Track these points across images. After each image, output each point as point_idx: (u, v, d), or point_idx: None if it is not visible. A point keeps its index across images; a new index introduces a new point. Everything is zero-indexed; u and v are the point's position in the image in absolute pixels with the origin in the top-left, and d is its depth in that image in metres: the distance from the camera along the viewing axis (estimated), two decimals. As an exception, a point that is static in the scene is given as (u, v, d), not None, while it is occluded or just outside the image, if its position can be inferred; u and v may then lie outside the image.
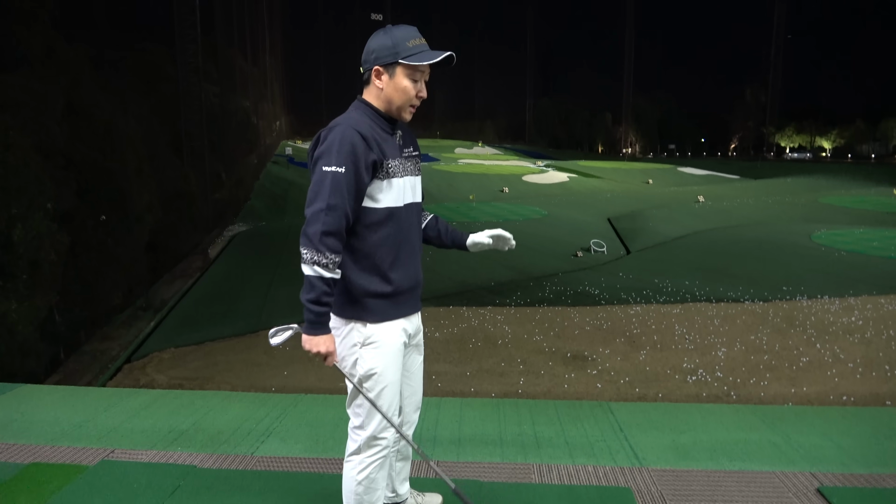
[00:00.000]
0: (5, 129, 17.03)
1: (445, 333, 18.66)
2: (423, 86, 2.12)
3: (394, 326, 2.15)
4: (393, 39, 2.05)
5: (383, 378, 2.14)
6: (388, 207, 2.09)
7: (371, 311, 2.11)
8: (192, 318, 22.28)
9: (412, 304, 2.22)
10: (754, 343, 17.49)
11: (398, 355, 2.17)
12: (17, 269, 15.94)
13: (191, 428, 3.53)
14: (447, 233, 2.43)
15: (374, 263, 2.09)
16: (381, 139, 2.09)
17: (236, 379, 15.99)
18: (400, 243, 2.13)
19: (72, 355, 21.14)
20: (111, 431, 3.48)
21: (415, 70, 2.07)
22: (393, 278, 2.11)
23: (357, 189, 2.02)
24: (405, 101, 2.10)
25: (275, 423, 3.57)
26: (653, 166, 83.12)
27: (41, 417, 3.68)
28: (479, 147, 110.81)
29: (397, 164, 2.12)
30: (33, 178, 17.34)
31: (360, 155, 2.00)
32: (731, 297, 22.20)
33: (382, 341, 2.12)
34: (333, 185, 1.97)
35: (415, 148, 2.27)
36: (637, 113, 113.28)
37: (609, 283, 25.16)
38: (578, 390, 14.81)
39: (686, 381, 15.26)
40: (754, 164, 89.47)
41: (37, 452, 3.19)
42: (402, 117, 2.15)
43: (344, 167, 1.98)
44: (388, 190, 2.08)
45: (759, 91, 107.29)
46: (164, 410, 3.80)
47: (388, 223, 2.09)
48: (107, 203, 23.26)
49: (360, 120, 2.08)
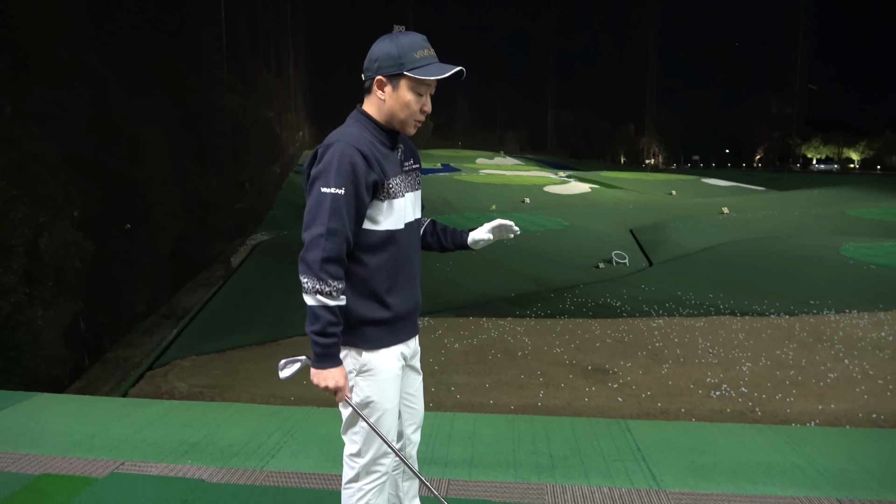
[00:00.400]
0: (34, 139, 17.39)
1: (464, 345, 18.58)
2: (428, 100, 2.00)
3: (390, 353, 2.05)
4: (399, 48, 1.92)
5: (380, 406, 2.05)
6: (387, 230, 1.98)
7: (367, 339, 2.01)
8: (213, 327, 22.45)
9: (410, 328, 2.12)
10: (780, 358, 17.15)
11: (395, 382, 2.08)
12: (43, 277, 16.19)
13: (202, 440, 3.50)
14: (446, 235, 2.29)
15: (372, 289, 1.98)
16: (382, 156, 1.98)
17: (256, 388, 16.05)
18: (399, 267, 2.02)
19: (95, 362, 21.41)
20: (123, 442, 3.47)
21: (421, 84, 1.95)
22: (391, 304, 2.01)
23: (357, 212, 1.91)
24: (408, 115, 1.98)
25: (286, 437, 3.53)
26: (676, 177, 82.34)
27: (55, 427, 3.69)
28: (500, 157, 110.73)
29: (398, 183, 2.01)
30: (60, 188, 17.66)
31: (360, 175, 1.89)
32: (756, 310, 21.82)
33: (378, 369, 2.03)
34: (333, 207, 1.86)
35: (415, 160, 2.16)
36: (660, 124, 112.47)
37: (631, 295, 24.89)
38: (599, 404, 14.62)
39: (710, 396, 14.99)
40: (780, 175, 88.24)
41: (48, 463, 3.19)
42: (406, 132, 2.04)
43: (344, 188, 1.87)
44: (388, 211, 1.97)
45: (784, 101, 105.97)
46: (177, 422, 3.78)
47: (388, 246, 1.98)
48: (131, 212, 23.63)
49: (359, 135, 1.96)
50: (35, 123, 18.84)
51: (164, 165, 27.84)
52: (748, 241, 37.20)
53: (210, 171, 39.53)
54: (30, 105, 20.02)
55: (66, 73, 21.39)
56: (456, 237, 2.29)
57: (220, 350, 19.12)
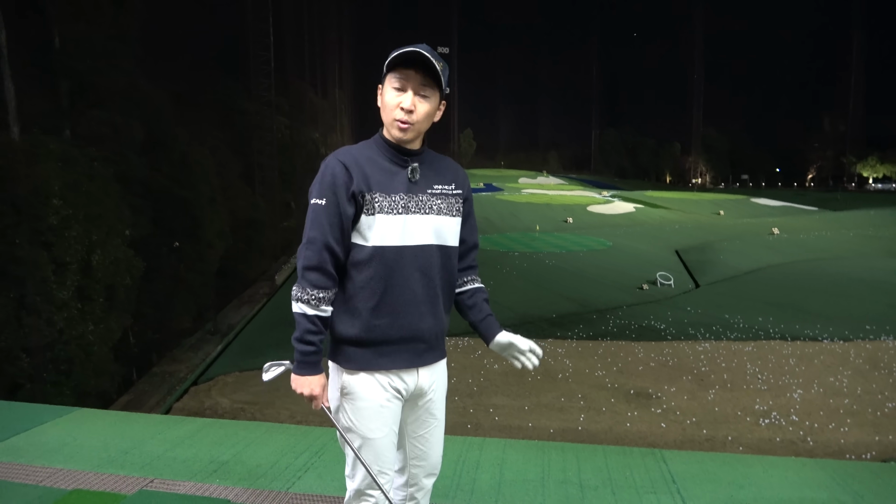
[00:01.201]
0: (90, 160, 18.10)
1: (504, 366, 18.40)
2: (409, 97, 1.90)
3: (373, 380, 1.95)
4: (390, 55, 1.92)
5: (360, 434, 1.96)
6: (374, 246, 1.90)
7: (347, 358, 1.95)
8: (256, 343, 22.81)
9: (405, 358, 1.98)
10: (834, 385, 16.47)
11: (381, 413, 1.96)
12: (95, 293, 16.75)
13: (231, 459, 3.52)
14: (476, 313, 2.14)
15: (355, 306, 1.92)
16: (380, 170, 1.93)
17: (295, 405, 16.19)
18: (390, 288, 1.92)
19: (143, 376, 21.98)
20: (155, 460, 3.51)
21: (396, 78, 1.89)
22: (374, 325, 1.92)
23: (341, 221, 1.89)
24: (388, 114, 1.92)
25: (314, 458, 3.52)
26: (724, 197, 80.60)
27: (91, 443, 3.75)
28: (543, 177, 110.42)
29: (394, 200, 1.92)
30: (113, 207, 18.31)
31: (339, 186, 1.88)
32: (807, 335, 21.06)
33: (358, 394, 1.95)
34: (314, 217, 1.89)
35: (456, 186, 2.05)
36: (707, 142, 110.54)
37: (676, 317, 24.33)
38: (641, 430, 14.25)
39: (758, 424, 14.46)
40: (833, 195, 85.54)
41: (80, 479, 3.24)
42: (393, 136, 1.95)
43: (325, 199, 1.88)
44: (375, 227, 1.90)
45: (838, 119, 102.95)
46: (208, 440, 3.81)
47: (372, 264, 1.90)
48: (180, 230, 24.32)
49: (354, 150, 1.96)
50: (91, 145, 19.65)
51: (213, 185, 28.63)
52: (800, 262, 36.06)
53: (257, 191, 40.51)
54: (87, 128, 20.90)
55: (122, 98, 22.30)
56: (483, 325, 2.14)
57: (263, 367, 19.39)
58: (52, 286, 14.97)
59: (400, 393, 2.00)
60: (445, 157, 2.12)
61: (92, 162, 18.13)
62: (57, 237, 15.41)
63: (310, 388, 1.91)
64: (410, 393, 2.02)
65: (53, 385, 15.20)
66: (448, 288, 2.06)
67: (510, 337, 2.11)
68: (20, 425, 4.01)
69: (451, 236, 2.03)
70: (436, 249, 1.99)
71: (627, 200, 73.35)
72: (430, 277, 1.98)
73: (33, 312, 14.49)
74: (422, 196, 1.96)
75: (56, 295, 15.05)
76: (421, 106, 1.91)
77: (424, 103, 1.92)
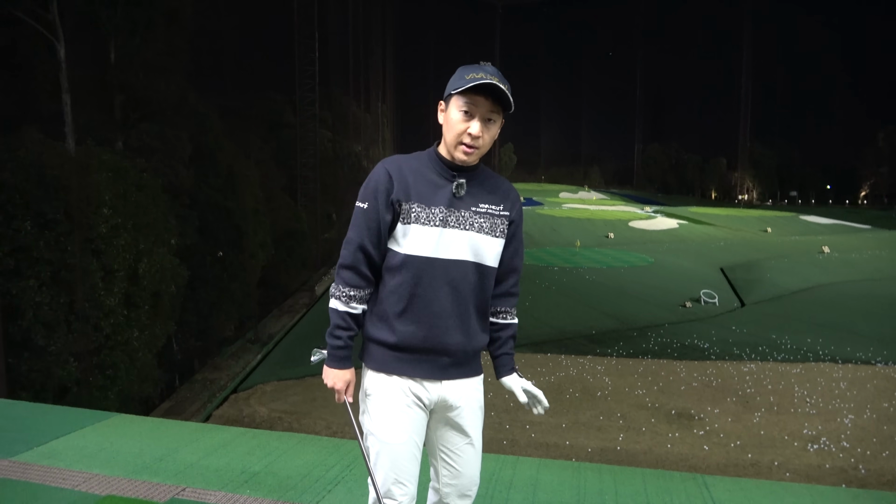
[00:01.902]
0: (140, 171, 18.63)
1: (542, 382, 18.16)
2: (477, 124, 1.91)
3: (393, 383, 1.97)
4: (456, 74, 1.95)
5: (377, 437, 1.96)
6: (405, 254, 1.94)
7: (371, 358, 2.01)
8: (295, 353, 23.06)
9: (428, 368, 1.97)
10: (888, 412, 15.78)
11: (399, 417, 1.95)
12: (141, 300, 17.15)
13: (262, 470, 3.51)
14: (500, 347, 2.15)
15: (384, 309, 1.98)
16: (425, 182, 1.96)
17: (332, 416, 16.28)
18: (418, 296, 1.93)
19: (185, 383, 22.40)
20: (188, 468, 3.53)
21: (464, 102, 1.90)
22: (398, 329, 1.95)
23: (378, 226, 1.95)
24: (453, 136, 1.94)
25: (344, 471, 3.49)
26: (772, 214, 78.50)
27: (127, 448, 3.80)
28: (584, 192, 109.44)
29: (432, 212, 1.93)
30: (160, 217, 18.78)
31: (381, 192, 1.95)
32: (859, 358, 20.26)
33: (379, 394, 1.98)
34: (355, 219, 1.99)
35: (504, 207, 2.03)
36: (754, 158, 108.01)
37: (720, 336, 23.70)
38: (682, 452, 13.87)
39: (806, 449, 13.92)
40: (888, 213, 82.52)
41: (115, 485, 3.27)
42: (455, 157, 1.96)
43: (367, 203, 1.97)
44: (406, 235, 1.94)
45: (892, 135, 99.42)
46: (241, 450, 3.82)
47: (403, 271, 1.94)
48: (224, 240, 24.81)
49: (402, 159, 2.02)
50: (141, 157, 20.25)
51: (257, 197, 29.18)
52: (852, 282, 34.80)
53: (300, 203, 41.15)
54: (138, 140, 21.56)
55: (172, 111, 22.97)
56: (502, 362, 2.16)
57: (301, 377, 19.59)
58: (101, 293, 15.40)
59: (421, 401, 1.99)
60: (501, 177, 2.13)
61: (141, 173, 18.64)
62: (106, 245, 15.87)
63: (333, 380, 2.01)
64: (435, 403, 2.02)
65: (99, 389, 15.58)
66: (484, 306, 2.07)
67: (512, 385, 2.15)
68: (61, 429, 4.10)
69: (490, 256, 2.02)
70: (472, 266, 1.98)
71: (671, 216, 72.08)
72: (461, 293, 1.98)
73: (82, 318, 14.91)
74: (464, 212, 1.97)
75: (104, 301, 15.47)
76: (487, 132, 1.95)
77: (491, 128, 1.96)
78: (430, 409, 2.02)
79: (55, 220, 14.63)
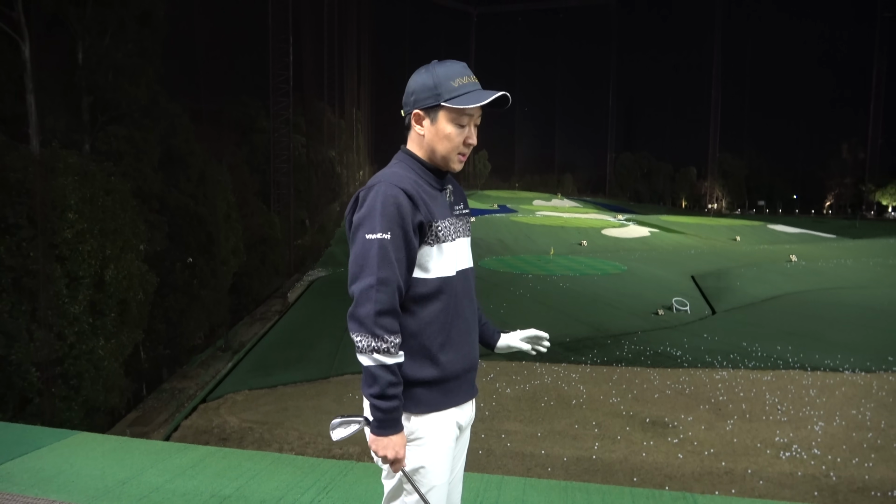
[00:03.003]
0: (108, 174, 18.18)
1: (517, 390, 18.10)
2: (472, 131, 1.82)
3: (444, 418, 1.81)
4: (435, 79, 1.77)
5: (428, 480, 1.79)
6: (439, 277, 1.77)
7: (416, 402, 1.78)
8: (266, 362, 22.65)
9: (466, 390, 1.87)
10: (856, 418, 15.99)
11: (448, 453, 1.82)
12: (107, 308, 16.71)
13: (233, 494, 3.33)
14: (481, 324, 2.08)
15: (423, 344, 1.77)
16: (430, 197, 1.80)
17: (304, 426, 15.97)
18: (453, 319, 1.80)
19: (153, 393, 21.86)
20: (153, 492, 3.32)
21: (461, 114, 1.78)
22: (443, 361, 1.78)
23: (408, 257, 1.73)
24: (450, 149, 1.80)
25: (320, 494, 3.32)
26: (741, 223, 79.87)
27: (88, 471, 3.58)
28: (557, 199, 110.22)
29: (448, 226, 1.82)
30: (129, 222, 18.34)
31: (406, 217, 1.71)
32: (828, 365, 20.56)
33: (429, 437, 1.79)
34: (381, 255, 1.68)
35: (465, 205, 1.98)
36: (724, 168, 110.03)
37: (692, 344, 23.89)
38: (658, 460, 13.87)
39: (779, 456, 14.02)
40: (852, 222, 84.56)
41: (74, 512, 3.06)
42: (450, 168, 1.85)
43: (390, 233, 1.69)
44: (438, 257, 1.78)
45: (856, 146, 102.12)
46: (211, 471, 3.62)
47: (440, 296, 1.78)
48: (195, 246, 24.36)
49: (403, 175, 1.79)
50: (110, 160, 19.77)
51: (230, 202, 28.74)
52: (819, 290, 35.43)
53: (273, 208, 40.69)
54: (106, 142, 21.07)
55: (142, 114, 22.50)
56: (487, 332, 2.09)
57: (272, 386, 19.22)
58: (65, 300, 14.95)
59: (461, 428, 1.89)
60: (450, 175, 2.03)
61: (109, 176, 18.20)
62: (71, 251, 15.42)
63: (394, 450, 1.71)
64: (465, 426, 1.92)
65: (62, 400, 15.10)
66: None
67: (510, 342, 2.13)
68: (17, 449, 3.85)
69: (471, 257, 1.97)
70: (471, 272, 1.93)
71: (642, 224, 72.89)
72: (473, 301, 1.92)
73: (44, 326, 14.45)
74: (457, 219, 1.90)
75: (68, 309, 15.02)
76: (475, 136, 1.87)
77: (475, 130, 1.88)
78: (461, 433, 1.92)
79: (17, 224, 14.18)
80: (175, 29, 27.76)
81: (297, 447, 14.80)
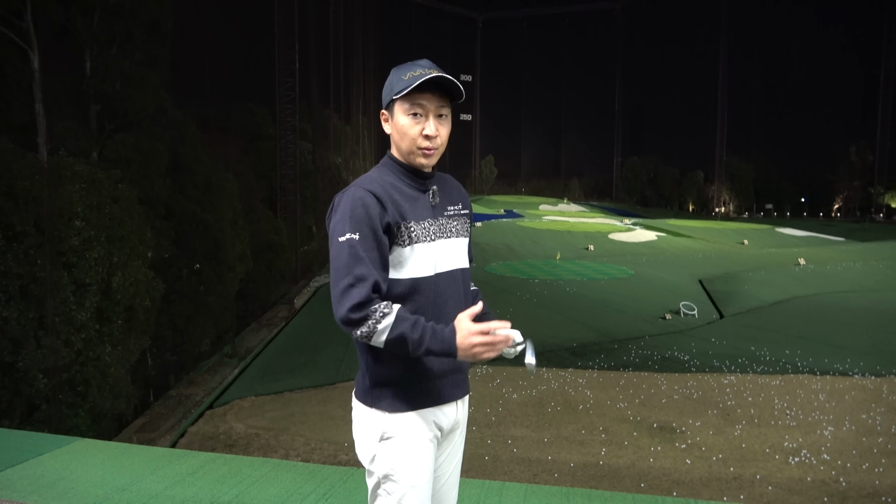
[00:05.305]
0: (115, 182, 18.27)
1: (523, 395, 18.03)
2: (430, 122, 1.79)
3: (418, 418, 1.80)
4: (392, 78, 1.81)
5: (404, 481, 1.77)
6: (412, 278, 1.78)
7: (390, 400, 1.79)
8: (273, 368, 22.67)
9: (448, 391, 1.85)
10: (866, 423, 15.84)
11: (425, 453, 1.81)
12: (114, 314, 16.76)
13: (233, 500, 3.32)
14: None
15: None
16: (405, 198, 1.81)
17: (310, 431, 15.96)
18: (430, 320, 1.76)
19: (159, 399, 21.91)
20: (152, 498, 3.32)
21: (411, 104, 1.78)
22: (417, 362, 1.78)
23: (381, 256, 1.74)
24: (409, 142, 1.81)
25: (320, 501, 3.30)
26: (748, 226, 79.46)
27: (89, 477, 3.58)
28: (564, 204, 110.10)
29: (425, 227, 1.81)
30: (136, 229, 18.41)
31: (374, 217, 1.73)
32: (837, 369, 20.39)
33: (401, 436, 1.78)
34: (352, 254, 1.69)
35: (463, 205, 1.96)
36: (731, 171, 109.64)
37: (700, 349, 23.75)
38: (665, 465, 13.77)
39: (788, 462, 13.90)
40: (861, 225, 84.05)
41: (73, 519, 3.06)
42: (416, 163, 1.84)
43: (359, 233, 1.71)
44: (410, 258, 1.78)
45: (865, 149, 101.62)
46: (211, 477, 3.61)
47: (415, 297, 1.77)
48: (202, 253, 24.42)
49: (377, 178, 1.82)
50: (117, 168, 19.89)
51: (236, 208, 28.83)
52: (828, 294, 35.21)
53: (280, 215, 40.81)
54: (114, 150, 21.20)
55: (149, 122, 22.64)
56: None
57: (279, 392, 19.24)
58: (72, 307, 15.01)
59: (441, 430, 1.86)
60: (449, 175, 2.02)
61: (117, 184, 18.29)
62: (78, 258, 15.49)
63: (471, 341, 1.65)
64: (449, 428, 1.89)
65: (69, 407, 15.14)
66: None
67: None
68: (17, 456, 3.86)
69: (465, 258, 1.96)
70: (460, 273, 1.91)
71: (649, 228, 72.66)
72: (459, 302, 1.88)
73: (52, 333, 14.51)
74: (442, 220, 1.88)
75: (75, 316, 15.07)
76: (443, 129, 1.82)
77: (444, 124, 1.83)
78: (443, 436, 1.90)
79: (24, 232, 14.26)
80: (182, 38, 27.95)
81: (303, 453, 14.79)
